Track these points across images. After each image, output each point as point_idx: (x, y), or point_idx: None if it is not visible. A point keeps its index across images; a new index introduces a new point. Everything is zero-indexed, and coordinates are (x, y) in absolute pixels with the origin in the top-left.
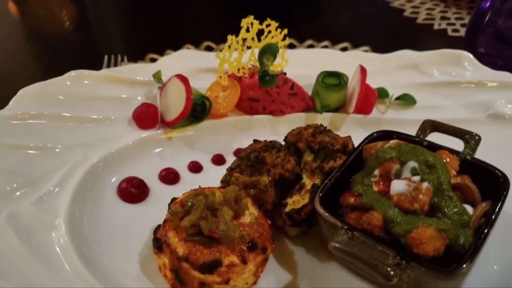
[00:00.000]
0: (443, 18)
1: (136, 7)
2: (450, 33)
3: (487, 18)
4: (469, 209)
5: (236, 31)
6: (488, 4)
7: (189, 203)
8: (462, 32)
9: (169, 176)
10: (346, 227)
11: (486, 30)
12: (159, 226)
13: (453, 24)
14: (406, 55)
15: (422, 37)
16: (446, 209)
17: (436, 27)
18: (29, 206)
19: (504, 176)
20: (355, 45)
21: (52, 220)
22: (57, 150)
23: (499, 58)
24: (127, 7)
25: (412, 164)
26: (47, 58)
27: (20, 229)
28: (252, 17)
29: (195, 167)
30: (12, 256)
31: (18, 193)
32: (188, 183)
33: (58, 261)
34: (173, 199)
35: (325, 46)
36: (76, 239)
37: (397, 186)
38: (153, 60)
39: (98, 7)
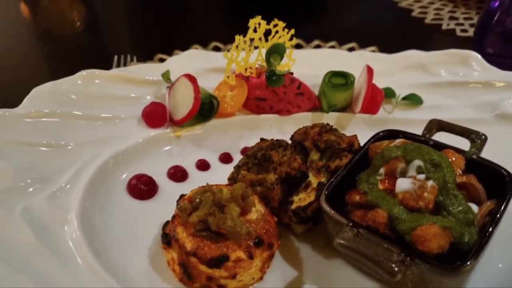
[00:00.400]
0: (451, 18)
1: (144, 8)
2: (458, 33)
3: (495, 18)
4: (474, 207)
5: (243, 31)
6: (497, 3)
7: (197, 200)
8: (471, 32)
9: (178, 174)
10: (351, 224)
11: (494, 30)
12: (167, 222)
13: (462, 24)
14: (413, 55)
15: (430, 38)
16: (451, 208)
17: (444, 27)
18: (42, 201)
19: (510, 175)
20: (362, 45)
21: (64, 215)
22: (69, 147)
23: (507, 58)
24: (136, 9)
25: (417, 162)
26: (58, 59)
27: (34, 224)
28: (259, 17)
29: (203, 165)
30: (26, 249)
31: (31, 189)
32: (196, 180)
33: (70, 255)
34: (182, 196)
35: (332, 47)
36: (87, 234)
37: (402, 184)
38: (162, 60)
39: (108, 9)
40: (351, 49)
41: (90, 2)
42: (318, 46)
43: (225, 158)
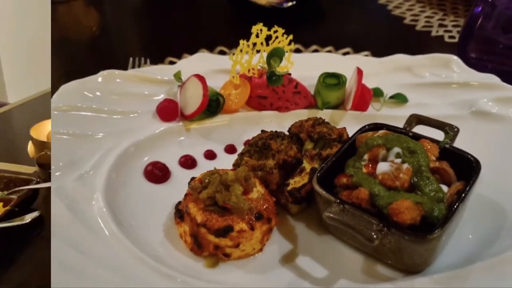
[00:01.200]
0: (440, 25)
1: (155, 16)
2: (446, 39)
3: (478, 24)
4: (444, 189)
5: (246, 36)
6: (479, 9)
7: (206, 180)
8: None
9: (188, 162)
10: (338, 201)
11: (476, 35)
12: (179, 202)
13: (450, 31)
14: (400, 58)
15: (420, 43)
16: (423, 187)
17: (433, 34)
18: (72, 182)
19: (477, 161)
20: (357, 50)
21: (91, 194)
22: (93, 137)
23: (488, 62)
24: (148, 17)
25: (396, 150)
26: (78, 61)
27: (66, 201)
28: (261, 24)
29: (210, 155)
30: (61, 220)
31: (60, 172)
32: (204, 168)
33: (98, 226)
34: (192, 178)
35: (329, 51)
36: (112, 210)
37: (382, 167)
38: (172, 62)
39: (121, 16)
40: (346, 54)
41: (105, 10)
42: (316, 51)
43: (230, 149)
